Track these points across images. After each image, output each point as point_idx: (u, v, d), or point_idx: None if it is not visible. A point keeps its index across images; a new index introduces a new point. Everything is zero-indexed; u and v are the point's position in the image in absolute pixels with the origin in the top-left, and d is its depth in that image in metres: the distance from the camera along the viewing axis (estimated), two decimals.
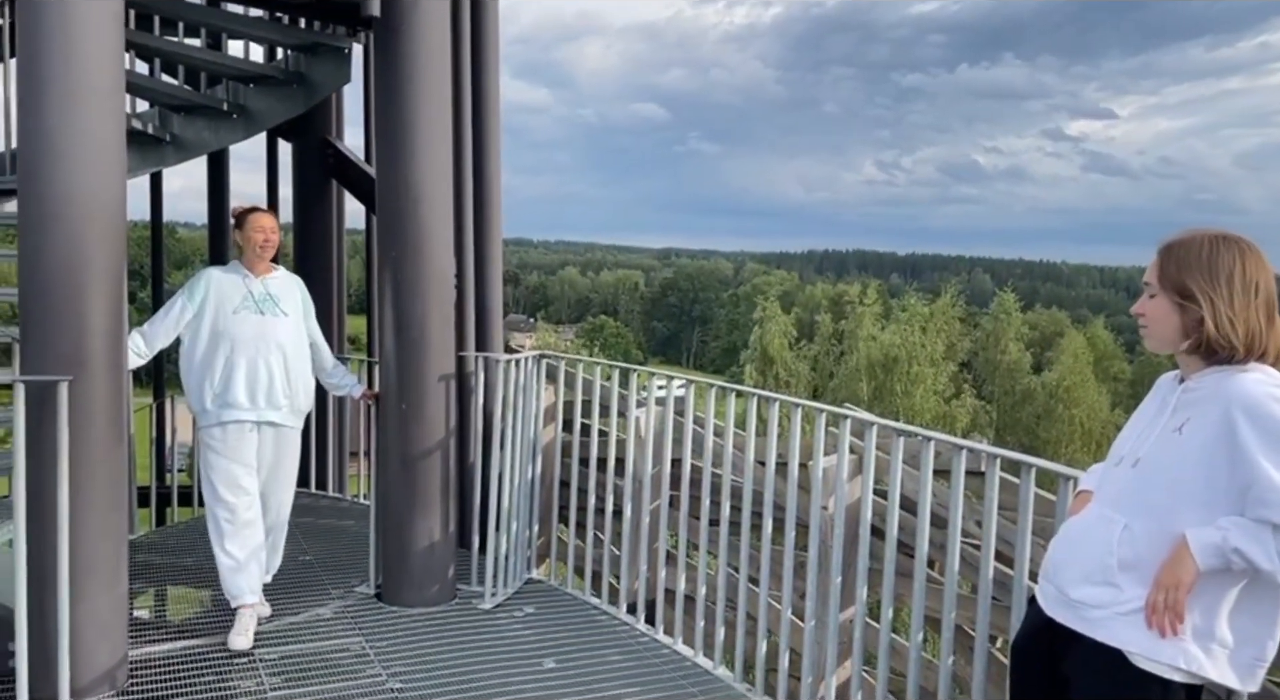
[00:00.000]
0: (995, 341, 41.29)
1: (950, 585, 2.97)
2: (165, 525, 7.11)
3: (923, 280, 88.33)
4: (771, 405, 3.84)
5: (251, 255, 4.25)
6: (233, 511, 4.18)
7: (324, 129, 7.07)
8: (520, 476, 4.92)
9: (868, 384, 34.57)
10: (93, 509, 3.57)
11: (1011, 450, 2.88)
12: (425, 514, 4.68)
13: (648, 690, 3.88)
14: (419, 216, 4.63)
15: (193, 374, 4.20)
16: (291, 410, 4.31)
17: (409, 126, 4.61)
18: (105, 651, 3.65)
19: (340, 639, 4.29)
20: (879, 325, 38.06)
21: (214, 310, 4.17)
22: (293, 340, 4.30)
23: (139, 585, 5.07)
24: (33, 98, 3.52)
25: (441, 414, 4.70)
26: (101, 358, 3.57)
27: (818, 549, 3.60)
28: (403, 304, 4.66)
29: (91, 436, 3.54)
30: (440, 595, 4.75)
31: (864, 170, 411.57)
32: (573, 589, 5.06)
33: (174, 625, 4.62)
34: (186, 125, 6.25)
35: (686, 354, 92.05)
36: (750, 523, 3.95)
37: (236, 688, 3.78)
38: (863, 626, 3.40)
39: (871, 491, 3.38)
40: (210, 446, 4.20)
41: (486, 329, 5.76)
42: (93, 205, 3.55)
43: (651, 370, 4.75)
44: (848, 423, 3.49)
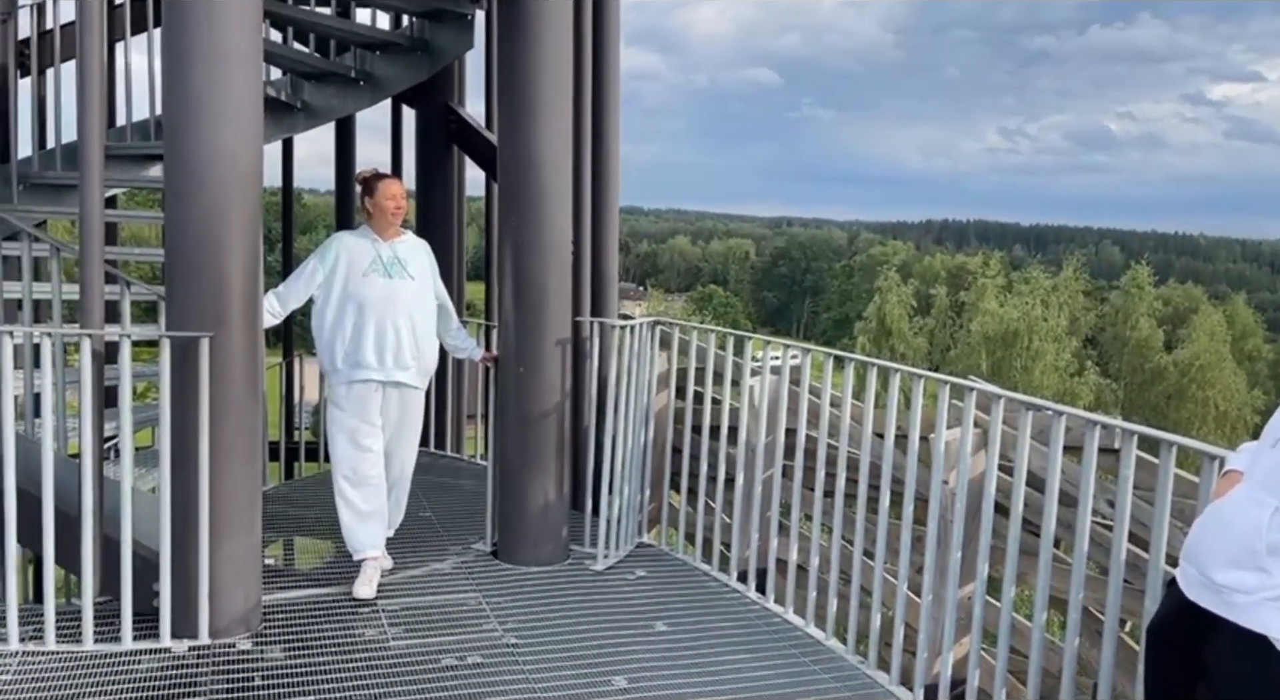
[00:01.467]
0: (1125, 317, 39.42)
1: (1079, 565, 2.87)
2: (293, 479, 7.44)
3: (1047, 252, 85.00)
4: (893, 376, 3.76)
5: (382, 221, 4.35)
6: (356, 468, 4.32)
7: (446, 95, 7.20)
8: (633, 441, 4.95)
9: (986, 359, 33.56)
10: (230, 458, 3.75)
11: (1155, 429, 2.74)
12: (540, 475, 4.76)
13: (759, 657, 3.88)
14: (539, 182, 4.68)
15: (324, 334, 4.34)
16: (418, 371, 4.41)
17: (531, 92, 4.65)
18: (241, 595, 3.85)
19: (458, 593, 4.42)
20: (1000, 298, 36.82)
21: (344, 273, 4.28)
22: (419, 303, 4.39)
23: (269, 535, 5.31)
24: (178, 64, 3.67)
25: (558, 377, 4.77)
26: (239, 315, 3.73)
27: (937, 524, 3.53)
28: (522, 268, 4.72)
29: (229, 390, 3.72)
30: (554, 555, 4.84)
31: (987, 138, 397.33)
32: (683, 555, 5.09)
33: (302, 573, 4.84)
34: (316, 92, 6.45)
35: (796, 325, 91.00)
36: (866, 495, 3.89)
37: (361, 635, 3.94)
38: (983, 604, 3.32)
39: (996, 467, 3.28)
40: (338, 404, 4.35)
41: (602, 295, 5.79)
42: (234, 168, 3.70)
43: (767, 339, 4.71)
44: (973, 395, 3.38)
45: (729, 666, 3.77)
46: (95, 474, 3.63)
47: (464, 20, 6.46)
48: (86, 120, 3.80)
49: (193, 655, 3.66)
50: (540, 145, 4.66)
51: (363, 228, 4.45)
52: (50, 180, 5.95)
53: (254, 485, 3.95)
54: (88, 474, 3.60)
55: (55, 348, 3.90)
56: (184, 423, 3.67)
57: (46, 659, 3.57)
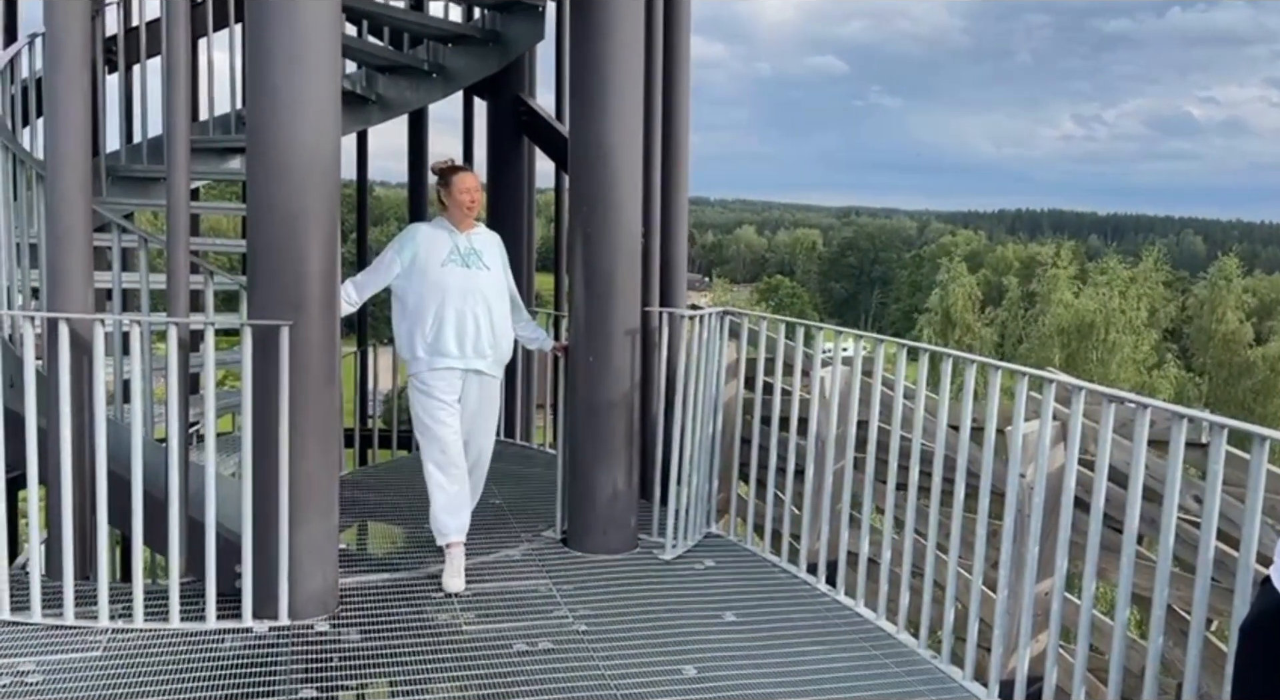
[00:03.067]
0: (1212, 310, 38.09)
1: (1164, 562, 2.79)
2: (367, 465, 7.59)
3: (1125, 242, 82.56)
4: (968, 368, 3.69)
5: (458, 214, 4.40)
6: (444, 450, 4.36)
7: (517, 87, 7.24)
8: (701, 431, 4.94)
9: (1060, 351, 32.76)
10: (309, 443, 3.83)
11: (1245, 423, 2.65)
12: (609, 464, 4.78)
13: (830, 649, 3.85)
14: (609, 172, 4.69)
15: (404, 323, 4.39)
16: (496, 360, 4.48)
17: (603, 84, 4.66)
18: (319, 577, 3.94)
19: (528, 580, 4.47)
20: (1073, 289, 35.89)
21: (423, 264, 4.33)
22: (496, 293, 4.45)
23: (344, 519, 5.42)
24: (260, 60, 3.76)
25: (627, 367, 4.78)
26: (318, 303, 3.81)
27: (1014, 518, 3.46)
28: (592, 258, 4.74)
29: (308, 376, 3.80)
30: (622, 543, 4.86)
31: (1061, 125, 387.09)
32: (752, 546, 5.07)
33: (376, 558, 4.94)
34: (390, 85, 6.55)
35: (865, 316, 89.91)
36: (940, 488, 3.83)
37: (434, 619, 4.01)
38: (1061, 600, 3.25)
39: (1076, 461, 3.20)
40: (422, 391, 4.38)
41: (671, 285, 5.79)
42: (313, 160, 3.78)
43: (837, 329, 4.65)
44: (1052, 387, 3.31)
45: (799, 658, 3.76)
46: (181, 458, 3.75)
47: (535, 12, 6.50)
48: (173, 115, 3.92)
49: (273, 635, 3.76)
50: (611, 137, 4.67)
51: (438, 219, 4.51)
52: (137, 173, 6.14)
53: (331, 470, 4.04)
54: (174, 458, 3.72)
55: (143, 335, 4.03)
56: (265, 408, 3.77)
57: (135, 636, 3.70)
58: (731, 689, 3.48)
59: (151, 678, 3.39)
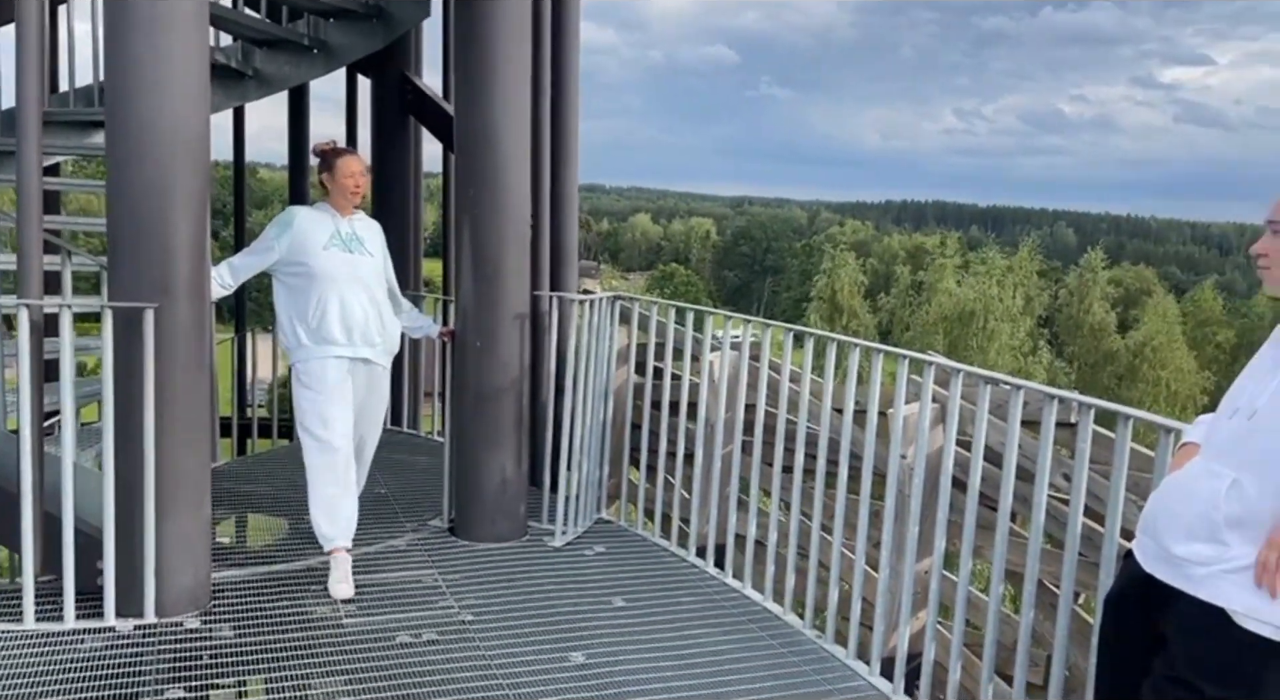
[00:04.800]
0: (1080, 300, 40.05)
1: (1035, 539, 2.87)
2: (245, 455, 7.31)
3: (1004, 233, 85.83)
4: (851, 352, 3.74)
5: (341, 199, 4.19)
6: (329, 451, 4.09)
7: (403, 65, 7.05)
8: (592, 417, 4.91)
9: (943, 337, 33.92)
10: (177, 433, 3.65)
11: (1112, 403, 2.75)
12: (497, 451, 4.70)
13: (717, 632, 3.87)
14: (496, 154, 4.59)
15: (286, 310, 4.17)
16: (385, 348, 4.30)
17: (488, 62, 4.55)
18: (189, 572, 3.76)
19: (414, 570, 4.36)
20: (956, 278, 37.20)
21: (303, 248, 4.10)
22: (378, 280, 4.28)
23: (220, 512, 5.22)
24: (119, 27, 3.54)
25: (515, 352, 4.70)
26: (185, 285, 3.62)
27: (895, 498, 3.53)
28: (479, 242, 4.64)
29: (175, 362, 3.61)
30: (511, 531, 4.79)
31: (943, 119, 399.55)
32: (642, 530, 5.07)
33: (253, 550, 4.75)
34: (268, 60, 6.27)
35: (758, 304, 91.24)
36: (825, 470, 3.88)
37: (313, 612, 3.87)
38: (939, 578, 3.33)
39: (954, 441, 3.28)
40: (305, 383, 4.14)
41: (561, 270, 5.72)
42: (178, 134, 3.58)
43: (727, 314, 4.67)
44: (931, 370, 3.38)
45: (687, 642, 3.76)
46: (35, 450, 3.52)
47: None
48: (23, 85, 3.67)
49: (138, 634, 3.58)
50: (498, 118, 4.57)
51: (320, 203, 4.28)
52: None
53: (202, 460, 3.85)
54: (26, 448, 3.49)
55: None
56: (128, 396, 3.56)
57: None
58: (618, 674, 3.46)
59: (2, 682, 3.18)
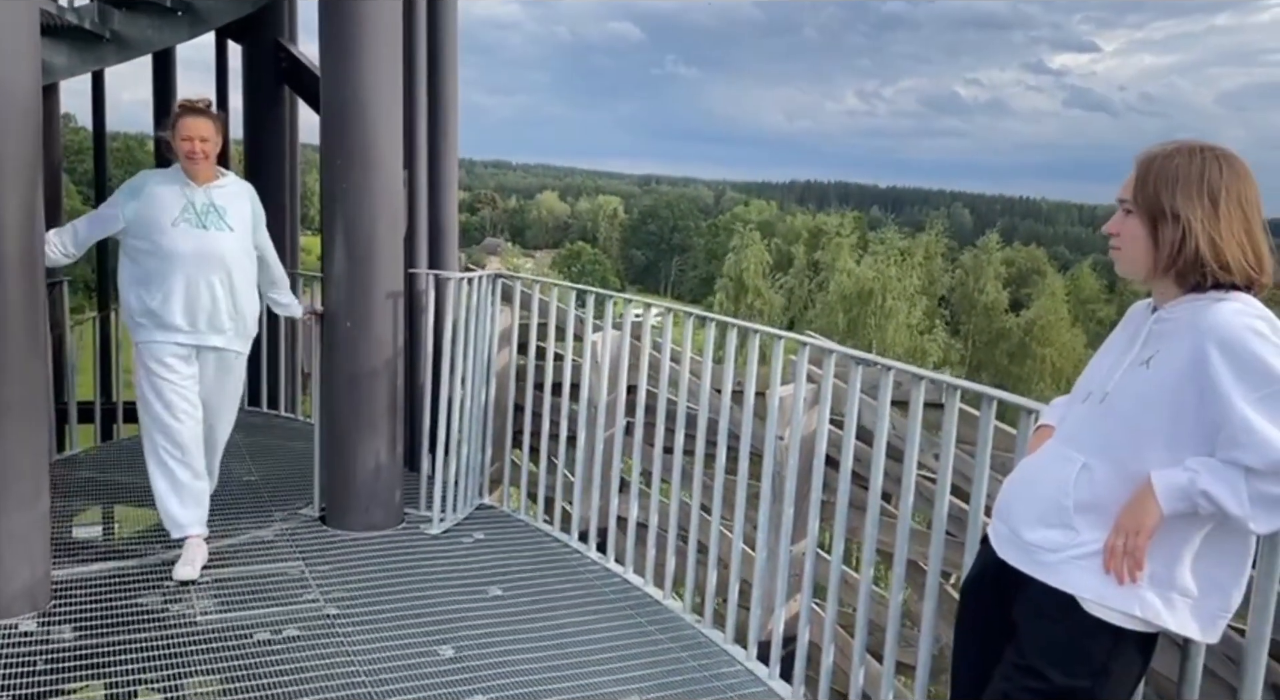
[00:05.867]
0: (975, 280, 41.32)
1: (904, 519, 2.84)
2: (111, 441, 6.92)
3: (903, 214, 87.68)
4: (730, 332, 3.67)
5: (186, 165, 3.82)
6: (173, 436, 3.88)
7: (276, 31, 6.70)
8: (472, 400, 4.75)
9: (843, 316, 34.56)
10: (8, 424, 3.37)
11: (976, 384, 2.72)
12: (371, 436, 4.50)
13: (595, 618, 3.77)
14: (365, 122, 4.36)
15: (127, 288, 3.86)
16: (237, 334, 3.99)
17: (355, 25, 4.32)
18: (24, 570, 3.49)
19: (279, 563, 4.15)
20: (855, 258, 37.89)
21: (149, 221, 3.76)
22: (239, 258, 3.91)
23: (79, 503, 4.92)
24: None
25: (389, 332, 4.50)
26: (15, 261, 3.33)
27: (772, 480, 3.47)
28: (348, 216, 4.41)
29: (6, 347, 3.33)
30: (386, 519, 4.60)
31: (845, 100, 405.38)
32: (525, 515, 4.94)
33: (110, 544, 4.46)
34: (128, 22, 5.89)
35: (665, 282, 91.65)
36: (705, 451, 3.81)
37: (166, 611, 3.64)
38: (814, 559, 3.29)
39: (828, 422, 3.24)
40: (147, 368, 3.87)
41: (440, 246, 5.52)
42: (3, 99, 3.28)
43: (607, 293, 4.55)
44: (805, 350, 3.33)
45: (564, 630, 3.66)
46: None
47: None
48: None
49: None
50: (366, 83, 4.34)
51: (175, 169, 3.88)
52: None
53: (38, 452, 3.57)
54: None
55: None
56: None
57: None
58: (488, 668, 3.34)
59: None
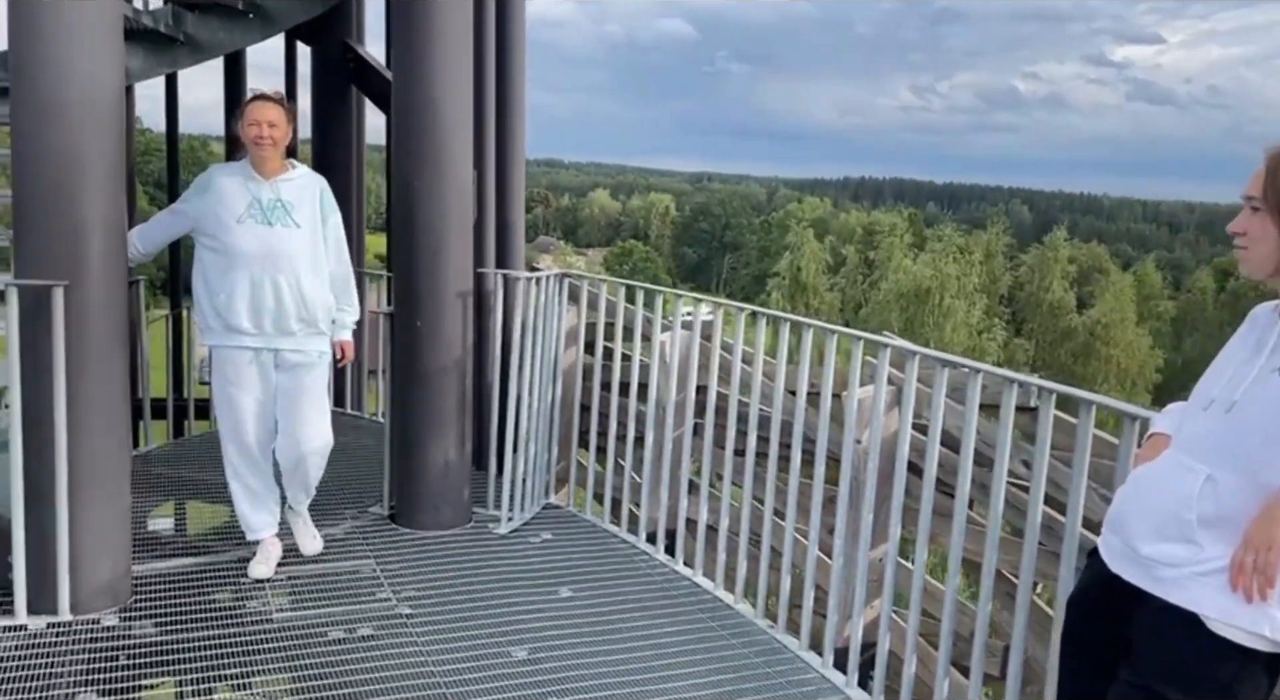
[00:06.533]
0: (1041, 277, 40.47)
1: (994, 528, 2.76)
2: (182, 437, 7.03)
3: (960, 210, 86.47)
4: (805, 332, 3.61)
5: (254, 155, 3.70)
6: (239, 443, 3.86)
7: (344, 33, 6.76)
8: (539, 399, 4.74)
9: (898, 315, 34.13)
10: (92, 419, 3.42)
11: (1074, 388, 2.63)
12: (440, 434, 4.52)
13: (666, 622, 3.73)
14: (437, 124, 4.37)
15: (197, 288, 3.79)
16: (308, 334, 3.83)
17: (428, 26, 4.33)
18: (106, 566, 3.54)
19: (351, 560, 4.17)
20: (911, 256, 37.40)
21: (216, 217, 3.68)
22: (307, 255, 3.76)
23: (154, 499, 4.99)
24: None
25: (459, 332, 4.51)
26: (98, 262, 3.38)
27: (849, 484, 3.40)
28: (419, 215, 4.43)
29: (88, 342, 3.38)
30: (455, 518, 4.61)
31: (899, 95, 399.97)
32: (591, 516, 4.92)
33: (185, 540, 4.54)
34: (201, 24, 5.97)
35: (716, 280, 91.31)
36: (778, 453, 3.75)
37: (243, 607, 3.68)
38: (895, 566, 3.21)
39: (910, 425, 3.16)
40: (218, 369, 3.83)
41: (507, 245, 5.53)
42: (89, 101, 3.33)
43: (678, 292, 4.51)
44: (887, 352, 3.25)
45: (635, 633, 3.62)
46: None
47: None
48: None
49: (51, 632, 3.36)
50: (438, 83, 4.35)
51: (242, 163, 3.77)
52: None
53: (121, 448, 3.63)
54: None
55: None
56: (37, 381, 3.32)
57: None
58: (562, 670, 3.32)
59: None
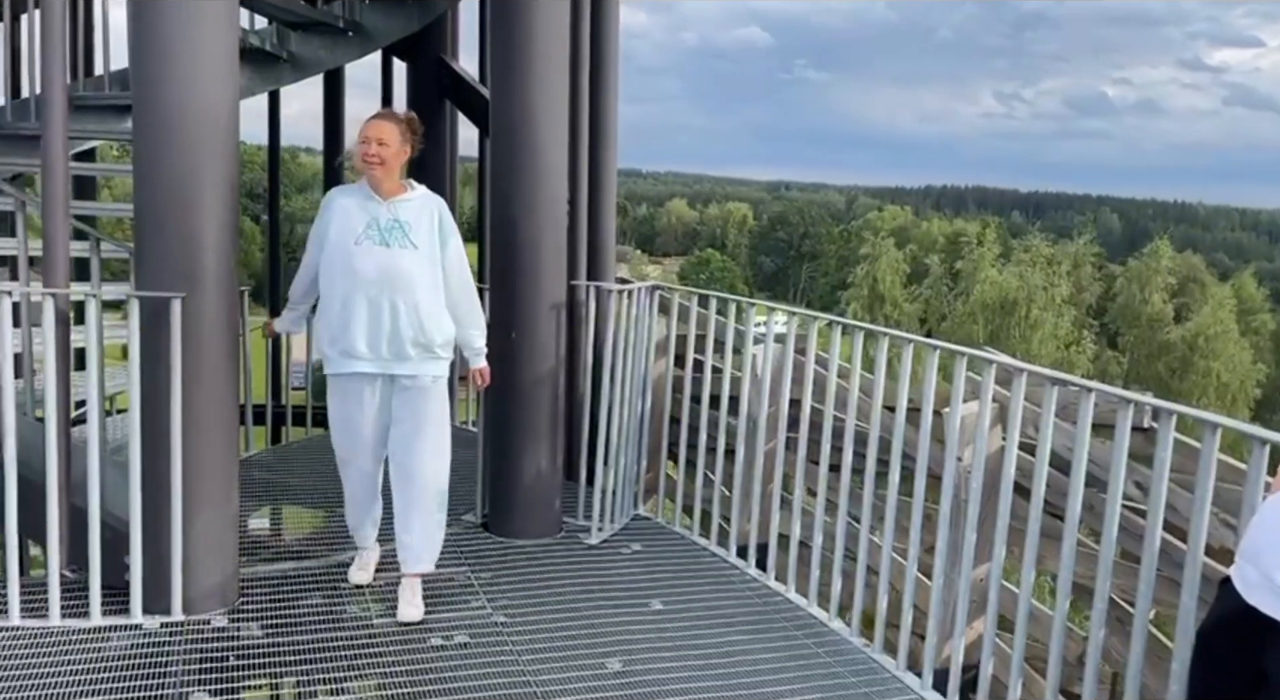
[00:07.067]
0: (1140, 289, 38.99)
1: (1107, 553, 2.68)
2: (280, 444, 7.24)
3: (1046, 219, 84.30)
4: (906, 347, 3.55)
5: (365, 174, 3.58)
6: (347, 468, 3.85)
7: (439, 49, 6.91)
8: (629, 410, 4.76)
9: (982, 327, 33.41)
10: (205, 426, 3.54)
11: (1198, 409, 2.54)
12: (533, 444, 4.57)
13: (760, 638, 3.71)
14: (533, 137, 4.43)
15: (316, 310, 3.75)
16: (424, 359, 3.64)
17: (526, 41, 4.40)
18: (216, 568, 3.66)
19: (446, 567, 4.22)
20: (997, 266, 36.55)
21: (336, 240, 3.57)
22: (425, 277, 3.60)
23: (253, 503, 5.14)
24: (147, 8, 3.42)
25: (552, 343, 4.56)
26: (213, 274, 3.51)
27: (951, 502, 3.34)
28: (515, 228, 4.49)
29: (203, 352, 3.51)
30: (546, 527, 4.66)
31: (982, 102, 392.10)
32: (680, 528, 4.91)
33: (285, 544, 4.66)
34: (302, 43, 6.16)
35: (794, 290, 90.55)
36: (875, 470, 3.70)
37: (343, 612, 3.76)
38: (999, 588, 3.14)
39: (1016, 445, 3.09)
40: (334, 395, 3.74)
41: (599, 258, 5.57)
42: (206, 118, 3.47)
43: (770, 305, 4.49)
44: (992, 368, 3.19)
45: (728, 648, 3.61)
46: (60, 440, 3.43)
47: None
48: (48, 66, 3.58)
49: (165, 631, 3.48)
50: (535, 98, 4.41)
51: (360, 183, 3.65)
52: (24, 131, 5.68)
53: (230, 453, 3.75)
54: (51, 439, 3.40)
55: (27, 307, 3.69)
56: (155, 388, 3.46)
57: (10, 635, 3.39)
58: (657, 683, 3.32)
59: (26, 681, 3.10)
